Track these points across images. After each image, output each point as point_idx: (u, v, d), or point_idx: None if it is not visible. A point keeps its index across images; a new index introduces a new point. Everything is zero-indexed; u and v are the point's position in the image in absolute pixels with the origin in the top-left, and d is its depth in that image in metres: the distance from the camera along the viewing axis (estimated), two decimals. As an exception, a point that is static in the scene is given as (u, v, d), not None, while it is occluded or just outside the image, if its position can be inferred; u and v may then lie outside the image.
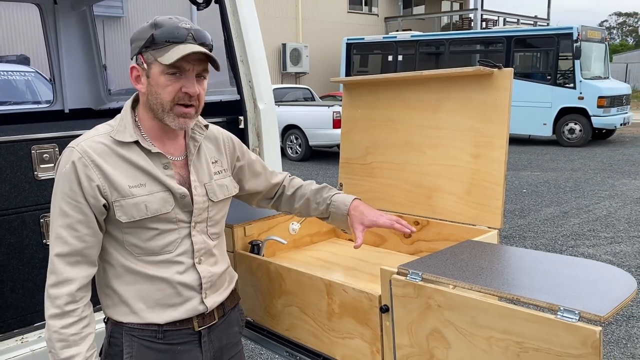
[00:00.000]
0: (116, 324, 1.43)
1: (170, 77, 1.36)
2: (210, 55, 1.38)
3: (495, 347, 1.18)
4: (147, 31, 1.37)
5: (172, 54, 1.33)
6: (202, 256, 1.47)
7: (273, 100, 2.85)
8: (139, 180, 1.38)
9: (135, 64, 1.40)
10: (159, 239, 1.41)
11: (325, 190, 1.77)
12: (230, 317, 1.59)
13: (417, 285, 1.32)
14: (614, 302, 1.09)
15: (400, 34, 17.02)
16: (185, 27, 1.36)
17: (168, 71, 1.35)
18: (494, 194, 1.72)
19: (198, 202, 1.46)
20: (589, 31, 13.19)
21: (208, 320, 1.49)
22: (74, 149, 1.36)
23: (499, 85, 1.71)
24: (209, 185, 1.50)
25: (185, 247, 1.45)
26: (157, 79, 1.36)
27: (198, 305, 1.46)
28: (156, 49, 1.35)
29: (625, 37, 61.57)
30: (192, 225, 1.45)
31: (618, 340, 3.60)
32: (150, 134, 1.43)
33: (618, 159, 11.06)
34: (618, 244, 5.61)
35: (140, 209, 1.37)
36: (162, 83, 1.36)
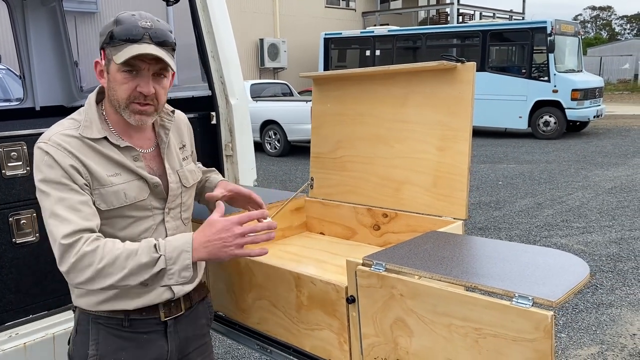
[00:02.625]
0: (83, 312, 1.46)
1: (126, 75, 1.37)
2: (161, 58, 1.36)
3: (455, 334, 1.22)
4: (109, 27, 1.38)
5: (124, 53, 1.34)
6: None
7: (245, 96, 2.86)
8: (113, 170, 1.40)
9: (98, 59, 1.42)
10: (134, 227, 1.43)
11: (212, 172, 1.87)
12: (198, 309, 1.61)
13: (380, 276, 1.34)
14: (566, 288, 1.13)
15: (378, 28, 17.07)
16: (143, 26, 1.36)
17: (123, 69, 1.36)
18: (459, 185, 1.76)
19: (173, 189, 1.49)
20: (563, 25, 13.39)
21: (175, 311, 1.51)
22: (46, 143, 1.35)
23: (462, 79, 1.74)
24: (181, 172, 1.54)
25: (160, 233, 1.47)
26: (114, 76, 1.38)
27: (164, 292, 1.48)
28: (114, 46, 1.36)
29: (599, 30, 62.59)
30: (165, 211, 1.49)
31: (588, 327, 3.69)
32: (118, 128, 1.44)
33: (591, 150, 11.28)
34: (590, 234, 5.73)
35: (120, 197, 1.39)
36: (119, 80, 1.38)
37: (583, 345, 3.47)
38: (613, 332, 3.62)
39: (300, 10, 20.93)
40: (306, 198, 2.28)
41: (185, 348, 1.56)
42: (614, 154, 10.81)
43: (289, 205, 2.20)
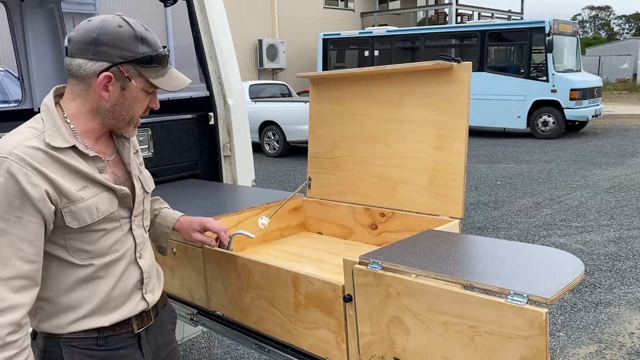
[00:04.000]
0: (52, 337, 1.36)
1: (147, 95, 1.38)
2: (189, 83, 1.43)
3: (451, 331, 1.22)
4: (133, 44, 1.32)
5: (168, 80, 1.37)
6: (142, 250, 1.47)
7: (243, 96, 2.87)
8: (80, 183, 1.32)
9: (110, 73, 1.31)
10: (105, 239, 1.38)
11: (157, 202, 1.78)
12: (162, 316, 1.58)
13: (377, 274, 1.35)
14: (561, 285, 1.14)
15: (377, 29, 17.08)
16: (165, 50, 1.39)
17: (149, 90, 1.37)
18: (455, 184, 1.77)
19: (138, 196, 1.46)
20: (561, 25, 13.40)
21: (146, 321, 1.48)
22: (6, 158, 1.23)
23: (458, 79, 1.75)
24: (141, 177, 1.51)
25: (129, 243, 1.43)
26: (135, 95, 1.36)
27: (138, 303, 1.45)
28: (145, 66, 1.34)
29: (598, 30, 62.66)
30: (132, 219, 1.44)
31: (586, 326, 3.70)
32: (85, 135, 1.37)
33: (590, 150, 11.28)
34: (588, 233, 5.74)
35: (92, 212, 1.33)
36: (139, 99, 1.37)
37: (581, 344, 3.47)
38: (611, 330, 3.63)
39: (299, 11, 20.94)
40: (304, 198, 2.29)
41: (158, 357, 1.53)
42: (612, 153, 10.82)
43: (286, 205, 2.20)
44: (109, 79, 1.32)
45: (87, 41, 1.31)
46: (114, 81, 1.33)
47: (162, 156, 2.65)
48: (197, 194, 2.38)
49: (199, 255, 1.96)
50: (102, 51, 1.31)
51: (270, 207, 2.15)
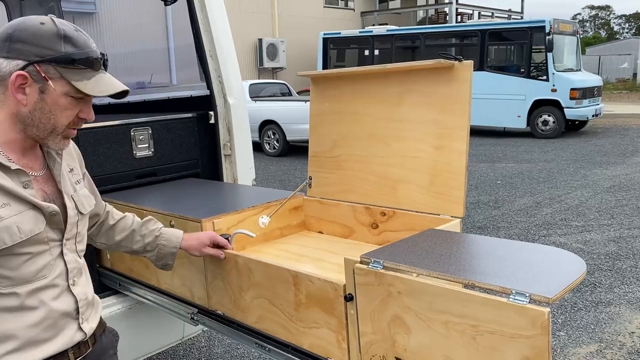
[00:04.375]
0: None
1: (72, 101, 1.23)
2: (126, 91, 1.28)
3: (453, 331, 1.22)
4: (53, 41, 1.19)
5: (94, 84, 1.22)
6: (75, 276, 1.35)
7: (243, 95, 2.86)
8: (1, 200, 1.18)
9: (24, 72, 1.18)
10: (31, 264, 1.24)
11: (151, 222, 1.72)
12: (103, 342, 1.48)
13: (378, 273, 1.35)
14: (563, 285, 1.13)
15: (377, 28, 17.07)
16: (95, 49, 1.25)
17: (76, 95, 1.22)
18: (456, 183, 1.76)
19: (71, 217, 1.32)
20: (561, 24, 13.40)
21: (84, 350, 1.37)
22: None
23: (459, 78, 1.75)
24: (76, 197, 1.36)
25: (59, 268, 1.30)
26: (56, 99, 1.21)
27: (75, 333, 1.33)
28: (68, 68, 1.20)
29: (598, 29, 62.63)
30: (63, 243, 1.31)
31: (587, 326, 3.70)
32: (7, 147, 1.23)
33: (590, 149, 11.28)
34: (588, 232, 5.74)
35: (13, 233, 1.18)
36: (63, 105, 1.23)
37: (582, 343, 3.47)
38: (612, 330, 3.62)
39: (299, 10, 20.92)
40: (304, 197, 2.28)
41: None
42: (612, 153, 10.81)
43: (287, 205, 2.20)
44: (24, 80, 1.18)
45: (3, 38, 1.19)
46: (31, 82, 1.19)
47: (162, 155, 2.64)
48: (198, 193, 2.38)
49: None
50: (17, 48, 1.18)
51: (271, 206, 2.15)
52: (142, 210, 2.15)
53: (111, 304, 2.40)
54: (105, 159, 2.44)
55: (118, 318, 2.39)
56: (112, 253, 2.40)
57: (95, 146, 2.40)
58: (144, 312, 2.45)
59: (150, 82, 4.72)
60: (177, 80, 5.14)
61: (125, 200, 2.27)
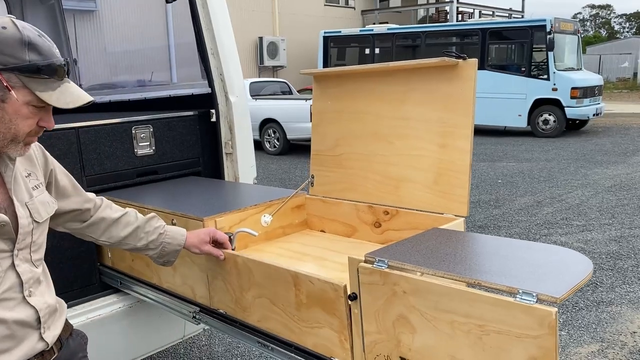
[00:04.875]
0: None
1: (34, 110, 1.19)
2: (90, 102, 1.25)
3: (458, 330, 1.21)
4: (16, 49, 1.14)
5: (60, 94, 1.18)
6: (32, 287, 1.30)
7: (244, 93, 2.85)
8: None
9: None
10: None
11: (154, 220, 1.70)
12: (70, 345, 1.45)
13: (383, 273, 1.34)
14: (570, 284, 1.12)
15: (377, 26, 17.05)
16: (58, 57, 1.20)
17: (37, 104, 1.18)
18: (460, 182, 1.75)
19: (23, 226, 1.26)
20: (562, 23, 13.38)
21: (48, 357, 1.34)
22: None
23: (463, 76, 1.73)
24: (31, 204, 1.30)
25: (10, 280, 1.25)
26: (17, 108, 1.17)
27: (36, 343, 1.30)
28: (32, 77, 1.15)
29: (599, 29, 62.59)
30: (14, 253, 1.25)
31: (588, 325, 3.69)
32: None
33: (591, 149, 11.27)
34: (590, 232, 5.73)
35: None
36: (24, 114, 1.18)
37: (583, 343, 3.46)
38: (613, 330, 3.62)
39: (300, 8, 20.89)
40: (306, 196, 2.27)
41: None
42: (613, 152, 10.80)
43: (289, 203, 2.19)
44: None
45: None
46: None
47: (164, 153, 2.63)
48: (199, 191, 2.36)
49: (202, 253, 1.94)
50: None
51: (273, 204, 2.13)
52: (143, 208, 2.14)
53: (112, 303, 2.39)
54: (106, 157, 2.43)
55: (119, 317, 2.39)
56: (112, 251, 2.38)
57: (97, 144, 2.39)
58: (145, 310, 2.44)
59: (151, 79, 4.71)
60: (177, 78, 5.12)
61: (127, 199, 2.25)
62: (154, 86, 4.36)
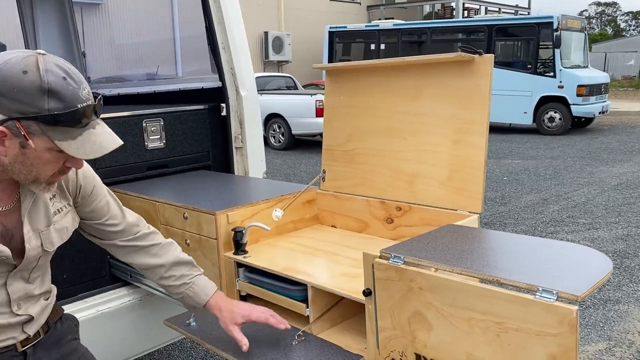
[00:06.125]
0: None
1: (57, 155, 1.15)
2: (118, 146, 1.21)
3: (476, 327, 1.20)
4: (36, 97, 1.08)
5: (81, 144, 1.13)
6: (21, 301, 1.31)
7: (255, 88, 2.84)
8: None
9: (3, 128, 1.09)
10: None
11: (186, 266, 1.60)
12: (58, 328, 1.47)
13: (399, 269, 1.33)
14: (590, 282, 1.12)
15: (383, 22, 16.99)
16: (85, 98, 1.13)
17: (57, 149, 1.14)
18: (474, 179, 1.74)
19: (30, 257, 1.27)
20: (569, 20, 13.31)
21: (32, 339, 1.36)
22: None
23: (479, 71, 1.72)
24: (44, 234, 1.29)
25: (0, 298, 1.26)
26: (39, 155, 1.14)
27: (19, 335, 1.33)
28: (51, 125, 1.10)
29: (605, 26, 62.28)
30: (10, 274, 1.26)
31: (595, 323, 3.68)
32: None
33: (597, 147, 11.23)
34: (596, 230, 5.71)
35: None
36: (46, 159, 1.15)
37: (590, 341, 3.46)
38: (620, 328, 3.61)
39: (305, 3, 20.83)
40: (318, 191, 2.27)
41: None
42: (619, 150, 10.76)
43: (300, 198, 2.18)
44: (2, 134, 1.10)
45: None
46: (11, 136, 1.10)
47: (174, 147, 2.63)
48: (210, 185, 2.36)
49: (213, 247, 1.94)
50: None
51: (285, 199, 2.13)
52: (155, 201, 2.14)
53: (122, 296, 2.39)
54: (116, 150, 2.42)
55: (128, 310, 2.39)
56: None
57: (108, 137, 2.38)
58: (155, 304, 2.44)
59: (157, 73, 4.71)
60: (183, 72, 5.11)
61: (138, 192, 2.25)
62: (160, 79, 4.36)
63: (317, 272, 1.73)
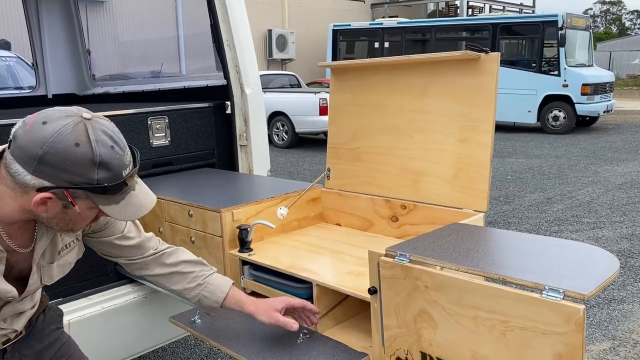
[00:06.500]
0: None
1: (94, 211, 1.21)
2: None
3: (482, 326, 1.20)
4: (87, 169, 1.12)
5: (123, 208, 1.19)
6: (9, 317, 1.37)
7: (260, 86, 2.84)
8: None
9: (50, 194, 1.12)
10: None
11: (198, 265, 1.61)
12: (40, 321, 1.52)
13: (405, 267, 1.33)
14: (597, 281, 1.11)
15: (387, 20, 16.96)
16: (127, 163, 1.17)
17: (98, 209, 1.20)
18: (480, 177, 1.74)
19: (29, 292, 1.34)
20: (574, 19, 13.27)
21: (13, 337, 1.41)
22: None
23: (485, 70, 1.72)
24: (46, 269, 1.35)
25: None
26: (81, 213, 1.19)
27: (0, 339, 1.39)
28: (98, 194, 1.15)
29: (609, 25, 62.05)
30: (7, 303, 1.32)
31: (600, 323, 3.67)
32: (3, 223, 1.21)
33: (601, 146, 11.19)
34: (600, 229, 5.70)
35: None
36: (84, 217, 1.21)
37: (595, 340, 3.45)
38: (625, 328, 3.60)
39: (309, 1, 20.81)
40: (322, 189, 2.27)
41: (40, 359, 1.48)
42: (624, 149, 10.72)
43: (305, 196, 2.18)
44: (48, 198, 1.13)
45: (31, 155, 1.09)
46: (55, 199, 1.14)
47: (179, 144, 2.63)
48: (215, 183, 2.37)
49: (219, 245, 1.94)
50: (46, 171, 1.10)
51: (289, 197, 2.13)
52: (160, 199, 2.14)
53: (127, 293, 2.39)
54: None
55: (133, 307, 2.39)
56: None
57: (113, 134, 2.39)
58: (159, 301, 2.45)
59: (160, 71, 4.71)
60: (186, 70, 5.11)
61: (143, 189, 2.26)
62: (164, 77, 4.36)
63: (322, 270, 1.73)
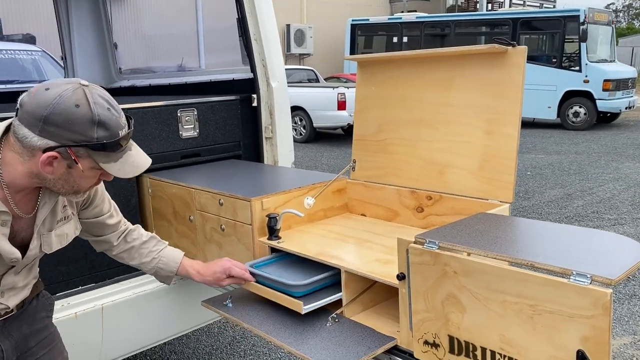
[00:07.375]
0: None
1: (97, 171, 1.34)
2: None
3: (509, 310, 1.24)
4: (87, 128, 1.25)
5: (121, 165, 1.32)
6: (7, 292, 1.44)
7: (285, 79, 2.89)
8: None
9: (55, 153, 1.24)
10: None
11: (152, 241, 1.84)
12: (32, 305, 1.57)
13: (434, 253, 1.37)
14: (624, 267, 1.15)
15: (406, 15, 16.90)
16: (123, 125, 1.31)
17: (99, 168, 1.32)
18: (506, 169, 1.77)
19: (29, 257, 1.42)
20: (596, 13, 13.11)
21: (3, 313, 1.46)
22: None
23: (512, 63, 1.75)
24: (45, 237, 1.44)
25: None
26: (82, 173, 1.31)
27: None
28: (98, 150, 1.28)
29: (632, 20, 60.98)
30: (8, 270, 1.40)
31: (620, 318, 3.68)
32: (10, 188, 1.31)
33: (622, 142, 11.07)
34: (621, 226, 5.67)
35: None
36: (87, 176, 1.33)
37: (615, 335, 3.46)
38: (646, 323, 3.60)
39: (327, -4, 20.81)
40: (348, 180, 2.31)
41: (24, 345, 1.53)
42: (645, 146, 10.61)
43: (330, 187, 2.23)
44: (54, 157, 1.25)
45: (37, 116, 1.23)
46: (60, 159, 1.26)
47: (207, 136, 2.69)
48: (243, 174, 2.42)
49: (248, 232, 2.00)
50: (51, 131, 1.23)
51: (316, 187, 2.18)
52: (191, 188, 2.21)
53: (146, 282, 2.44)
54: (152, 139, 2.50)
55: (163, 293, 2.45)
56: (157, 229, 2.46)
57: (144, 125, 2.46)
58: (189, 287, 2.51)
59: (181, 65, 4.78)
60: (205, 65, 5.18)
61: (174, 179, 2.32)
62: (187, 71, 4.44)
63: (350, 257, 1.78)
